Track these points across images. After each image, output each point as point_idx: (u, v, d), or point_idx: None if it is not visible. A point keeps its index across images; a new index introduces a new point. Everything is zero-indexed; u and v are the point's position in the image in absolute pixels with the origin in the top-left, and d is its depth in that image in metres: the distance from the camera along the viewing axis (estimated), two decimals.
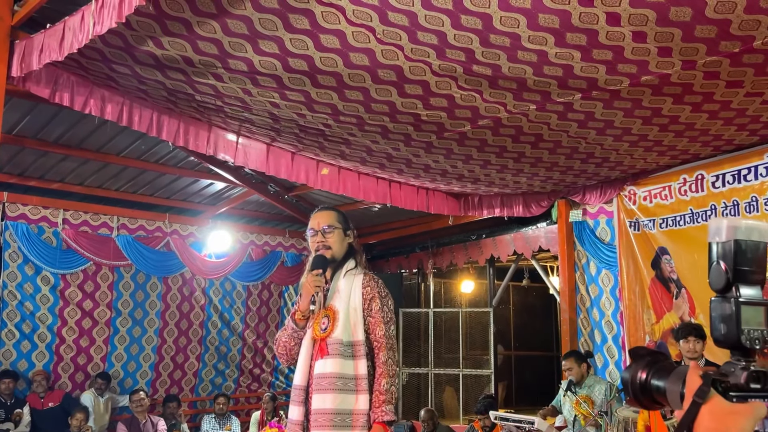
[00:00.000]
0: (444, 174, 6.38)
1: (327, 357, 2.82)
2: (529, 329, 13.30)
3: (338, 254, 3.02)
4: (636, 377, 1.05)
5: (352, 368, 2.82)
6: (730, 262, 0.96)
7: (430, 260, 9.69)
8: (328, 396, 2.77)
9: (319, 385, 2.81)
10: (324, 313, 2.92)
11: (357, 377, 2.82)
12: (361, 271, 3.02)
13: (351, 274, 2.97)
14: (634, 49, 3.60)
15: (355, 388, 2.80)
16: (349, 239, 3.08)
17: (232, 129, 5.61)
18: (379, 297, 2.92)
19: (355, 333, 2.86)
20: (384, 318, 2.89)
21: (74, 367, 7.74)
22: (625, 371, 1.08)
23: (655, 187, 6.21)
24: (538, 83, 4.09)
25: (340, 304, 2.90)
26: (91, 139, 6.77)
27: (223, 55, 3.99)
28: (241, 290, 9.21)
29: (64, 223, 7.71)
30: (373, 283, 2.95)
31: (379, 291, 2.94)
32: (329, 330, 2.86)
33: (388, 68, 3.99)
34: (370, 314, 2.90)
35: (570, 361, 5.71)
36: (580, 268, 7.06)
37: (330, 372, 2.80)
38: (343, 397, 2.77)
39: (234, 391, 9.02)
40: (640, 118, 4.68)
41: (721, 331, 0.96)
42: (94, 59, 4.30)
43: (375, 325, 2.89)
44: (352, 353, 2.84)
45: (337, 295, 2.94)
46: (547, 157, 5.64)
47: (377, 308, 2.90)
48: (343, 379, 2.79)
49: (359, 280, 2.95)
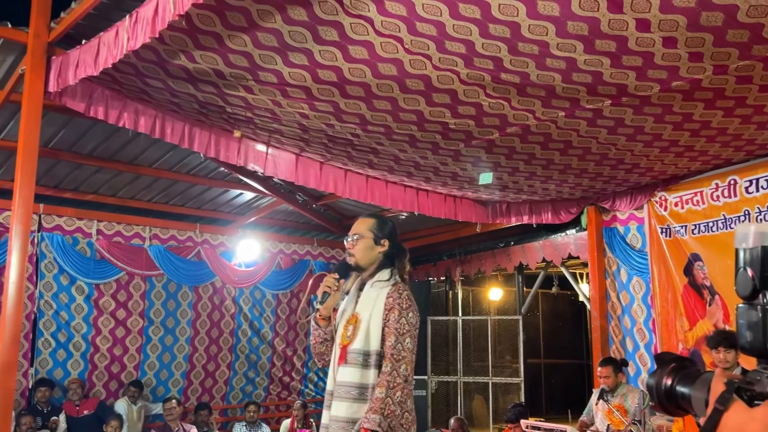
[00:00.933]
0: (472, 182, 6.37)
1: (345, 365, 2.80)
2: (559, 337, 13.19)
3: (363, 262, 2.95)
4: (661, 383, 1.04)
5: (368, 378, 2.75)
6: (757, 268, 0.94)
7: (458, 268, 9.66)
8: (344, 404, 2.74)
9: (338, 393, 2.79)
10: (351, 321, 2.89)
11: (367, 386, 2.75)
12: (394, 282, 2.90)
13: (379, 285, 2.89)
14: (664, 54, 3.57)
15: (366, 397, 2.74)
16: (381, 248, 2.96)
17: (261, 140, 5.67)
18: (399, 308, 2.81)
19: (371, 342, 2.79)
20: (398, 329, 2.77)
21: (108, 375, 7.85)
22: (650, 377, 1.06)
23: (687, 193, 6.13)
24: (567, 90, 4.07)
25: (364, 313, 2.86)
26: (124, 152, 6.88)
27: (254, 68, 4.04)
28: (270, 298, 9.27)
29: (98, 233, 7.83)
30: (396, 294, 2.84)
31: (401, 302, 2.82)
32: (351, 338, 2.84)
33: (416, 78, 4.01)
34: (387, 324, 2.81)
35: (607, 369, 5.63)
36: (610, 275, 6.99)
37: (347, 381, 2.77)
38: (358, 407, 2.71)
39: (264, 398, 9.07)
40: (671, 123, 4.63)
41: (747, 338, 0.94)
42: (127, 74, 4.38)
43: (387, 336, 2.79)
44: (369, 363, 2.78)
45: (363, 304, 2.89)
46: (576, 164, 5.60)
47: (394, 318, 2.79)
48: (360, 389, 2.74)
49: (386, 290, 2.86)
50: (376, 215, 3.16)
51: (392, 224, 3.09)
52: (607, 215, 7.04)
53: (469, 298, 11.93)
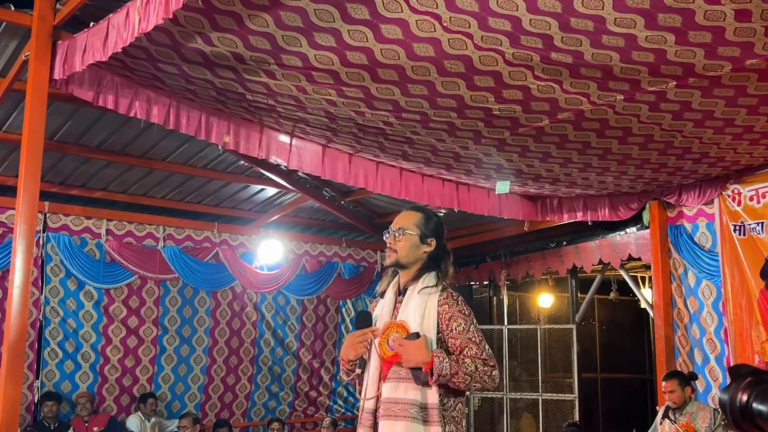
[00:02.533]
0: (518, 174, 6.34)
1: (398, 381, 2.76)
2: (618, 348, 13.05)
3: (405, 261, 2.95)
4: (736, 399, 1.05)
5: (424, 396, 2.73)
6: None
7: (503, 271, 9.62)
8: (400, 424, 2.71)
9: (389, 411, 2.76)
10: (394, 329, 2.84)
11: (427, 406, 2.73)
12: (440, 287, 2.88)
13: (426, 292, 2.85)
14: (736, 29, 3.51)
15: (426, 418, 2.72)
16: (427, 248, 2.96)
17: (285, 130, 5.72)
18: (462, 316, 2.80)
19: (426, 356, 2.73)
20: (472, 339, 2.77)
21: (119, 388, 7.99)
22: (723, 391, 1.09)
23: (763, 185, 6.03)
24: (626, 71, 4.03)
25: (412, 322, 2.81)
26: (136, 144, 6.99)
27: (276, 51, 4.08)
28: (295, 305, 9.34)
29: (108, 234, 7.97)
30: (451, 300, 2.83)
31: (461, 309, 2.82)
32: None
33: (456, 59, 4.01)
34: (452, 335, 2.78)
35: (672, 383, 5.58)
36: (676, 278, 6.90)
37: (401, 398, 2.74)
38: (414, 427, 2.69)
39: (289, 415, 9.14)
40: (745, 107, 4.56)
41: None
42: (139, 58, 4.46)
43: (464, 346, 2.76)
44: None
45: (409, 311, 2.85)
46: (636, 154, 5.54)
47: (461, 329, 2.78)
48: (419, 408, 2.72)
49: (435, 297, 2.84)
50: (423, 209, 3.13)
51: (440, 221, 3.07)
52: (672, 211, 6.95)
53: (515, 304, 11.86)
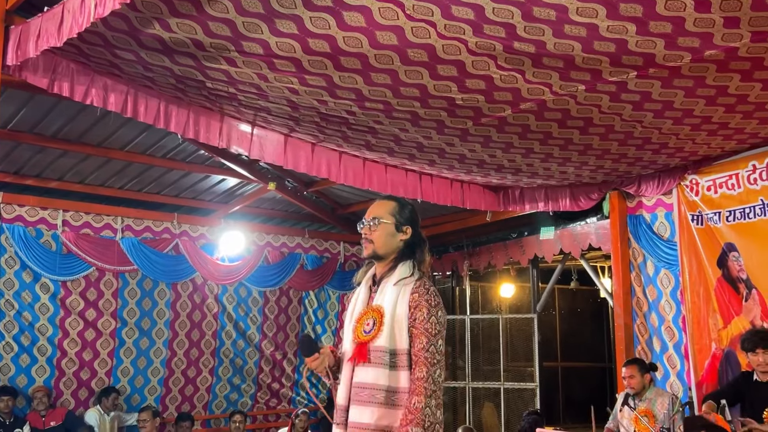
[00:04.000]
0: (481, 164, 6.36)
1: (368, 365, 2.79)
2: (578, 337, 13.23)
3: (382, 251, 2.95)
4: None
5: (395, 380, 2.75)
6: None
7: (465, 261, 9.67)
8: (368, 409, 2.73)
9: (358, 396, 2.77)
10: (370, 314, 2.87)
11: (398, 390, 2.74)
12: (416, 276, 2.91)
13: (402, 284, 2.88)
14: (696, 20, 3.55)
15: (396, 402, 2.73)
16: (403, 236, 2.97)
17: (246, 119, 5.66)
18: (427, 306, 2.80)
19: (399, 340, 2.79)
20: (429, 330, 2.77)
21: (77, 382, 7.86)
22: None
23: (721, 176, 6.13)
24: (588, 61, 4.06)
25: (387, 307, 2.84)
26: (93, 133, 6.87)
27: (237, 37, 4.03)
28: (257, 297, 9.28)
29: (64, 225, 7.82)
30: (422, 289, 2.84)
31: (428, 299, 2.82)
32: (374, 333, 2.81)
33: (419, 48, 3.99)
34: (414, 324, 2.80)
35: (632, 369, 5.68)
36: (635, 267, 7.00)
37: (371, 383, 2.76)
38: (384, 412, 2.71)
39: (251, 408, 9.10)
40: (704, 97, 4.62)
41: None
42: (95, 45, 4.36)
43: (416, 337, 2.78)
44: (395, 363, 2.78)
45: (384, 297, 2.88)
46: (597, 144, 5.60)
47: (422, 318, 2.79)
48: (386, 392, 2.73)
49: (409, 287, 2.86)
50: (397, 198, 3.14)
51: (414, 208, 3.09)
52: (631, 201, 7.05)
53: (477, 294, 11.94)
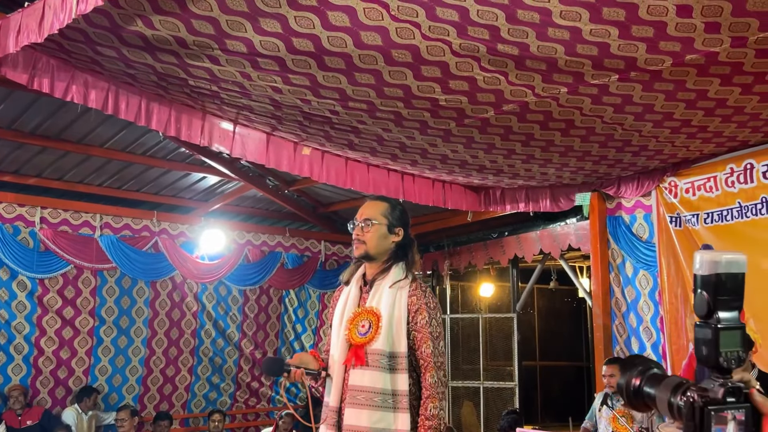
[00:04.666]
0: (463, 165, 6.38)
1: (365, 368, 2.78)
2: (556, 337, 13.33)
3: (374, 252, 2.95)
4: (630, 383, 1.31)
5: (393, 383, 2.76)
6: (711, 292, 1.20)
7: (446, 261, 9.70)
8: (365, 412, 2.73)
9: (354, 399, 2.77)
10: (365, 316, 2.86)
11: (397, 393, 2.75)
12: (410, 278, 2.93)
13: (397, 287, 2.89)
14: (678, 24, 3.59)
15: (395, 405, 2.74)
16: (395, 238, 2.98)
17: (228, 117, 5.63)
18: (427, 309, 2.84)
19: (398, 343, 2.80)
20: (432, 333, 2.81)
21: (54, 381, 7.79)
22: (621, 378, 1.35)
23: (699, 178, 6.19)
24: (571, 64, 4.09)
25: (384, 310, 2.84)
26: (72, 130, 6.81)
27: (220, 35, 4.00)
28: (237, 295, 9.24)
29: (42, 222, 7.75)
30: (419, 292, 2.87)
31: (427, 302, 2.86)
32: (370, 336, 2.81)
33: (403, 48, 4.00)
34: (416, 328, 2.83)
35: (613, 368, 5.72)
36: (614, 268, 7.06)
37: (369, 386, 2.76)
38: (381, 415, 2.72)
39: (230, 407, 9.06)
40: (684, 101, 4.67)
41: (703, 352, 1.21)
42: (77, 41, 4.31)
43: (422, 341, 2.81)
44: (394, 366, 2.78)
45: (380, 299, 2.88)
46: (578, 146, 5.64)
47: (424, 322, 2.82)
48: (383, 395, 2.74)
49: (405, 290, 2.88)
50: (388, 199, 3.14)
51: (405, 210, 3.09)
52: (611, 203, 7.10)
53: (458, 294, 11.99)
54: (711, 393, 1.16)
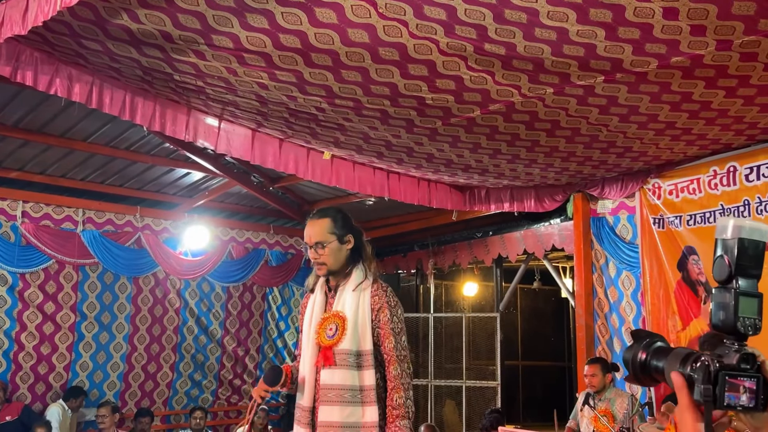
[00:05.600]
0: (449, 164, 6.38)
1: (334, 367, 2.97)
2: (538, 337, 13.38)
3: (336, 267, 3.10)
4: (637, 357, 1.28)
5: (360, 379, 2.96)
6: (733, 257, 1.17)
7: (430, 260, 9.71)
8: (336, 408, 2.93)
9: (326, 397, 2.97)
10: (332, 320, 3.04)
11: (364, 388, 2.95)
12: (370, 279, 3.11)
13: (360, 289, 3.07)
14: (664, 27, 3.60)
15: (363, 399, 2.93)
16: (348, 245, 3.12)
17: (213, 113, 5.60)
18: (389, 307, 3.04)
19: (363, 342, 2.99)
20: (393, 329, 3.02)
21: (34, 376, 7.73)
22: (626, 351, 1.31)
23: (683, 180, 6.23)
24: (557, 64, 4.09)
25: (349, 312, 3.03)
26: (55, 123, 6.74)
27: (207, 30, 3.98)
28: (220, 292, 9.21)
29: (24, 216, 7.68)
30: (381, 292, 3.07)
31: (388, 300, 3.05)
32: (337, 338, 2.98)
33: (390, 46, 3.99)
34: (379, 325, 3.02)
35: (595, 368, 5.75)
36: (597, 269, 7.09)
37: (338, 384, 2.95)
38: (351, 410, 2.91)
39: (212, 404, 9.03)
40: (668, 103, 4.69)
41: (720, 317, 1.17)
42: (61, 34, 4.27)
43: (384, 337, 3.01)
44: (360, 363, 2.97)
45: (344, 303, 3.06)
46: (563, 146, 5.65)
47: (386, 319, 3.02)
48: (352, 391, 2.94)
49: (368, 291, 3.07)
50: (326, 212, 3.21)
51: (345, 214, 3.22)
52: (595, 204, 7.13)
53: (441, 293, 12.01)
54: (726, 358, 1.14)
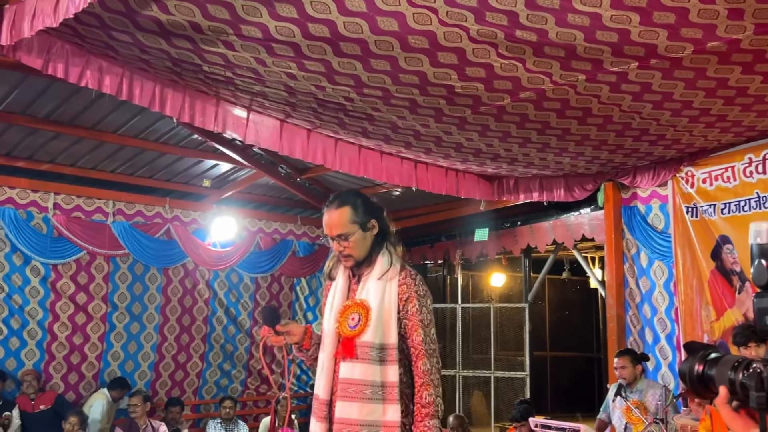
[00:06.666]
0: (477, 153, 6.34)
1: (355, 361, 2.77)
2: (567, 327, 13.29)
3: (362, 255, 2.92)
4: (694, 369, 1.28)
5: (383, 375, 2.75)
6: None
7: (457, 250, 9.66)
8: (355, 405, 2.73)
9: (345, 392, 2.76)
10: (354, 309, 2.84)
11: (386, 384, 2.74)
12: (398, 266, 2.90)
13: (386, 278, 2.87)
14: (700, 11, 3.53)
15: (384, 396, 2.73)
16: (373, 230, 2.94)
17: (242, 104, 5.60)
18: (417, 297, 2.83)
19: (387, 335, 2.78)
20: (422, 321, 2.81)
21: (67, 366, 7.83)
22: (683, 363, 1.32)
23: (717, 168, 6.13)
24: (590, 51, 4.03)
25: (373, 301, 2.82)
26: (85, 115, 6.79)
27: (236, 21, 3.97)
28: (248, 283, 9.25)
29: (55, 208, 7.77)
30: (409, 280, 2.86)
31: (417, 290, 2.84)
32: (360, 329, 2.78)
33: (420, 34, 3.95)
34: (406, 316, 2.82)
35: (624, 360, 5.69)
36: (629, 259, 7.01)
37: (359, 379, 2.75)
38: (371, 408, 2.71)
39: (241, 393, 9.09)
40: (704, 89, 4.61)
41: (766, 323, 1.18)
42: (91, 26, 4.29)
43: (412, 330, 2.81)
44: (384, 358, 2.77)
45: (369, 291, 2.86)
46: (595, 135, 5.58)
47: (414, 310, 2.81)
48: (373, 387, 2.73)
49: (395, 279, 2.86)
50: (346, 199, 3.02)
51: (366, 198, 3.04)
52: (626, 192, 7.04)
53: (469, 284, 11.97)
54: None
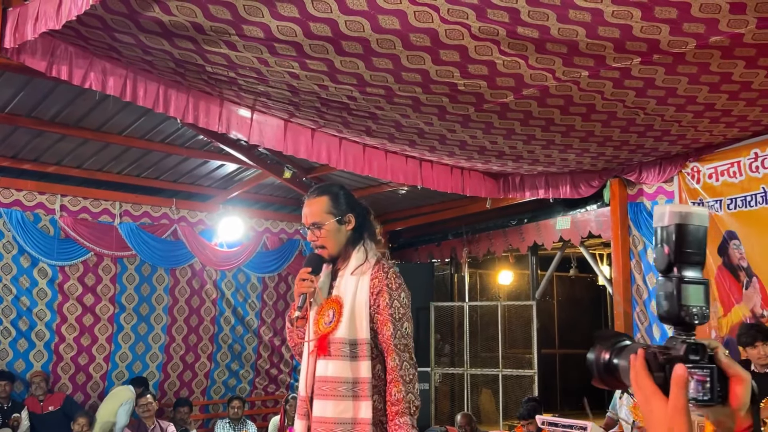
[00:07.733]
0: (482, 151, 6.33)
1: (329, 358, 2.71)
2: (575, 325, 13.27)
3: (337, 250, 2.85)
4: (600, 358, 1.23)
5: (359, 371, 2.69)
6: (672, 244, 1.12)
7: (464, 248, 9.66)
8: (330, 403, 2.67)
9: (320, 390, 2.72)
10: (330, 306, 2.79)
11: (358, 381, 2.67)
12: (372, 261, 2.82)
13: (359, 272, 2.80)
14: (702, 5, 3.52)
15: (356, 393, 2.66)
16: (348, 226, 2.86)
17: (246, 104, 5.61)
18: (388, 290, 2.73)
19: (359, 330, 2.72)
20: (393, 315, 2.71)
21: (75, 367, 7.87)
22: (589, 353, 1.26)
23: (722, 164, 6.11)
24: (592, 47, 4.03)
25: (346, 297, 2.76)
26: (91, 117, 6.81)
27: (237, 21, 3.98)
28: (255, 283, 9.27)
29: (62, 210, 7.81)
30: (381, 273, 2.76)
31: (389, 283, 2.74)
32: (333, 325, 2.74)
33: (422, 32, 3.95)
34: (377, 311, 2.73)
35: None
36: (635, 255, 6.99)
37: (332, 376, 2.69)
38: (345, 405, 2.65)
39: (249, 393, 9.12)
40: (707, 84, 4.60)
41: (664, 308, 1.13)
42: (94, 28, 4.31)
43: (382, 324, 2.72)
44: (355, 353, 2.70)
45: (343, 286, 2.80)
46: (599, 131, 5.57)
47: (385, 304, 2.72)
48: (346, 384, 2.67)
49: (368, 273, 2.78)
50: (325, 189, 2.96)
51: (346, 192, 2.97)
52: (632, 189, 7.03)
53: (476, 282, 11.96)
54: (673, 351, 1.10)
